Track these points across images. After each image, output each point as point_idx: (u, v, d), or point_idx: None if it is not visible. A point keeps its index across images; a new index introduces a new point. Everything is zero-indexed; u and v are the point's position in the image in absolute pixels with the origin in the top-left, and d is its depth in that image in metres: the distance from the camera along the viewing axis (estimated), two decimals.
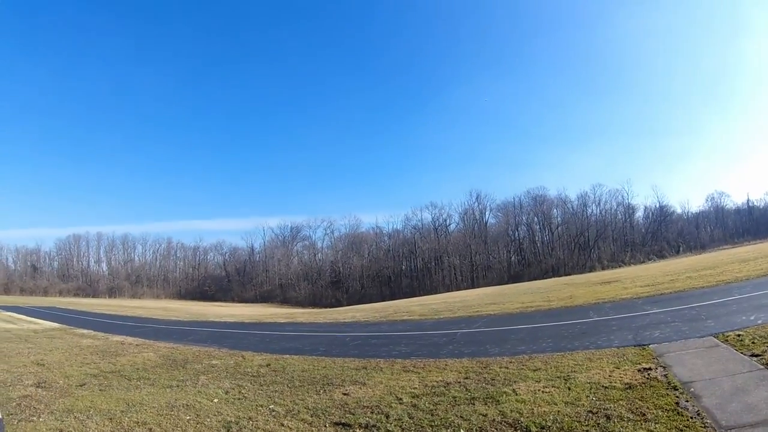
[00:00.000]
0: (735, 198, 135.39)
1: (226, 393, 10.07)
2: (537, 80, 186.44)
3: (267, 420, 7.87)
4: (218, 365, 13.71)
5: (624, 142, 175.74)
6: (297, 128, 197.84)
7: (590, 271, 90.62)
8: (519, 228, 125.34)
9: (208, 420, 8.04)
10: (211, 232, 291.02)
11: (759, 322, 11.14)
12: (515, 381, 8.79)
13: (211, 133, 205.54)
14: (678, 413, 6.20)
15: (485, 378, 9.30)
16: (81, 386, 11.38)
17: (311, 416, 7.90)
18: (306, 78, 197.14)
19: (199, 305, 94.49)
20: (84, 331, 26.79)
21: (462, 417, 7.05)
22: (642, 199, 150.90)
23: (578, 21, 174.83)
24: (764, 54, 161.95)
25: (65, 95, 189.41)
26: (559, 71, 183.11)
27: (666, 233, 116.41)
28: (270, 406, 8.71)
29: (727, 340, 9.78)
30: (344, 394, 9.15)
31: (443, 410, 7.49)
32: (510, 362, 10.54)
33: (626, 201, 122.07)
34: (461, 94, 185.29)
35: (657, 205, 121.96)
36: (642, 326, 13.19)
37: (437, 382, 9.37)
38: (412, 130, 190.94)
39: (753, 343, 9.19)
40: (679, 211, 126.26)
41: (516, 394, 7.87)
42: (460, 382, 9.15)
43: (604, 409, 6.64)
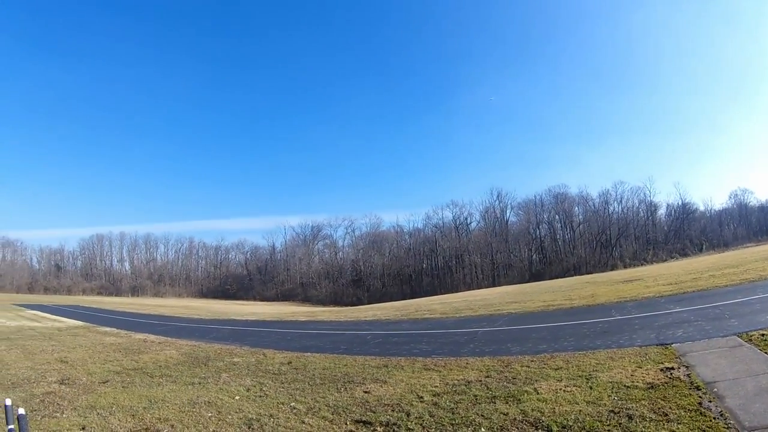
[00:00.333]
0: (759, 195, 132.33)
1: (248, 390, 10.18)
2: (557, 77, 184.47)
3: (288, 417, 7.94)
4: (240, 363, 13.86)
5: (646, 139, 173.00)
6: (317, 128, 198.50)
7: (612, 270, 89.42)
8: (540, 226, 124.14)
9: (230, 417, 8.13)
10: (233, 232, 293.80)
11: None
12: (536, 380, 8.79)
13: (232, 135, 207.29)
14: (701, 413, 6.16)
15: (506, 377, 9.30)
16: (104, 383, 11.58)
17: (332, 414, 7.96)
18: (328, 79, 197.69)
19: (221, 304, 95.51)
20: (107, 329, 27.25)
21: (483, 416, 7.07)
22: (664, 197, 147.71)
23: (598, 16, 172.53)
24: None
25: (90, 99, 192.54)
26: (580, 68, 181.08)
27: (689, 231, 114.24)
28: (291, 404, 8.78)
29: (751, 340, 9.66)
30: (365, 392, 9.20)
31: (464, 409, 7.52)
32: (531, 361, 10.53)
33: (648, 198, 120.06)
34: (482, 92, 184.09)
35: (679, 203, 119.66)
36: (665, 325, 13.05)
37: (458, 381, 9.40)
38: (433, 129, 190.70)
39: None
40: (702, 209, 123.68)
41: (537, 393, 7.86)
42: (481, 381, 9.17)
43: (626, 409, 6.62)
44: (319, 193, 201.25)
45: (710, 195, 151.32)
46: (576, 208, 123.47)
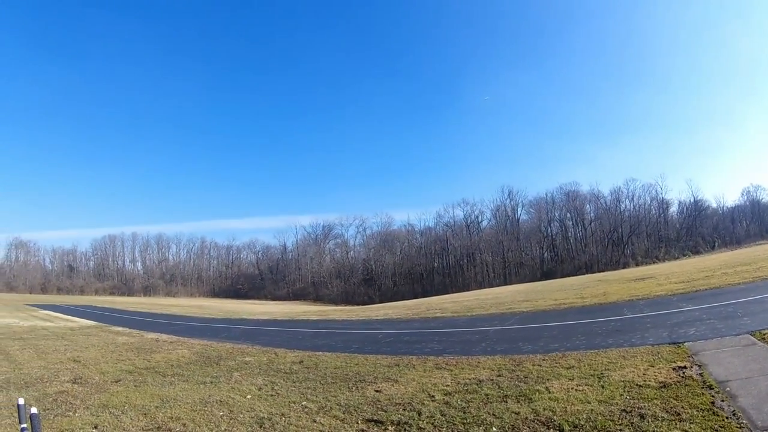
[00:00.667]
0: None
1: (259, 389, 10.24)
2: (569, 74, 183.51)
3: (299, 416, 7.97)
4: (251, 362, 13.94)
5: (658, 136, 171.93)
6: (328, 128, 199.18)
7: (624, 268, 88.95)
8: (551, 224, 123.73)
9: (241, 416, 8.18)
10: (244, 231, 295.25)
11: None
12: (548, 379, 8.78)
13: (244, 135, 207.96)
14: (713, 413, 6.13)
15: (518, 376, 9.30)
16: (116, 382, 11.68)
17: (343, 413, 7.98)
18: (339, 80, 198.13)
19: (233, 303, 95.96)
20: (119, 329, 27.49)
21: (494, 415, 7.08)
22: (676, 194, 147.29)
23: (610, 12, 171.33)
24: None
25: (101, 100, 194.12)
26: (592, 64, 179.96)
27: (701, 228, 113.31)
28: (302, 403, 8.82)
29: (764, 338, 9.60)
30: (376, 391, 9.23)
31: (475, 408, 7.52)
32: (543, 360, 10.52)
33: (660, 196, 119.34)
34: (492, 90, 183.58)
35: (691, 200, 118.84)
36: (677, 324, 12.98)
37: (469, 380, 9.41)
38: (444, 128, 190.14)
39: None
40: (714, 206, 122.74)
41: (549, 392, 7.86)
42: (493, 380, 9.17)
43: (638, 408, 6.60)
44: (330, 193, 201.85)
45: (722, 192, 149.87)
46: (587, 206, 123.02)
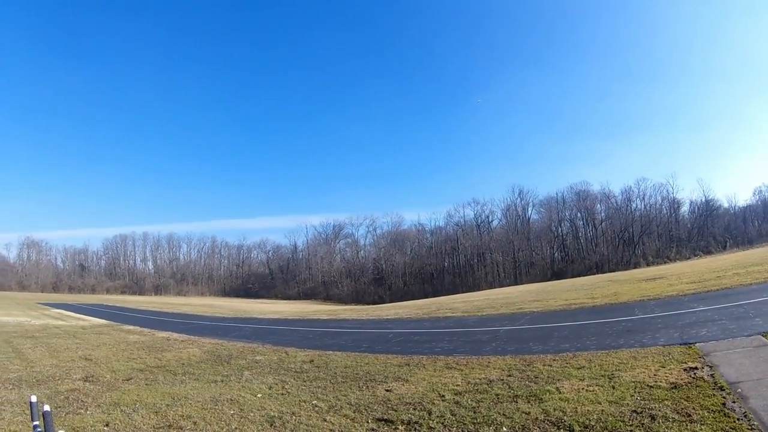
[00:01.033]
0: None
1: (270, 388, 10.29)
2: (580, 73, 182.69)
3: (310, 415, 8.00)
4: (262, 361, 14.01)
5: (668, 135, 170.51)
6: (338, 128, 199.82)
7: (635, 268, 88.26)
8: (562, 224, 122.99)
9: (252, 414, 8.22)
10: (255, 231, 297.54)
11: None
12: (559, 379, 8.78)
13: (253, 135, 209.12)
14: (724, 414, 6.11)
15: (528, 376, 9.31)
16: (127, 380, 11.76)
17: (354, 412, 8.01)
18: (349, 80, 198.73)
19: (243, 302, 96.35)
20: (130, 328, 27.74)
21: (505, 415, 7.09)
22: (687, 193, 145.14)
23: (622, 10, 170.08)
24: None
25: (112, 103, 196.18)
26: (603, 64, 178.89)
27: (712, 228, 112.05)
28: (313, 402, 8.86)
29: None
30: (387, 391, 9.26)
31: (486, 408, 7.53)
32: (553, 360, 10.52)
33: (671, 195, 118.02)
34: (503, 90, 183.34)
35: (703, 200, 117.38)
36: (688, 324, 12.93)
37: (480, 380, 9.42)
38: (454, 127, 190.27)
39: None
40: (726, 206, 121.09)
41: (559, 393, 7.86)
42: (503, 380, 9.18)
43: (649, 409, 6.60)
44: (341, 192, 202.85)
45: (734, 191, 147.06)
46: (598, 206, 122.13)
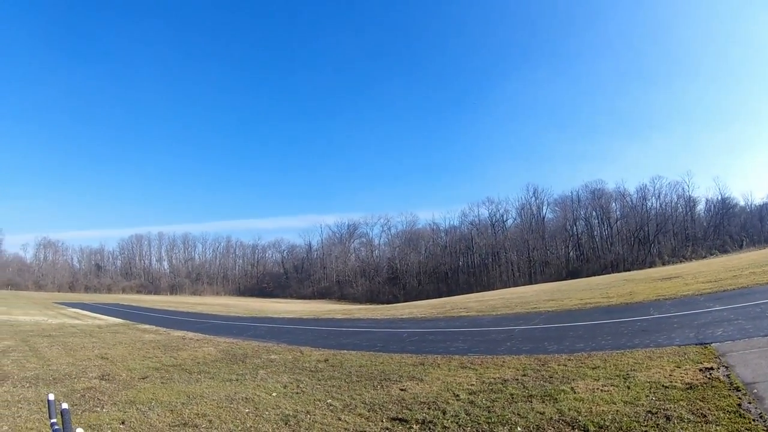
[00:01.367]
0: None
1: (285, 387, 10.35)
2: (594, 72, 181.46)
3: (324, 414, 8.03)
4: (277, 360, 14.09)
5: (684, 133, 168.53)
6: (352, 129, 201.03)
7: (650, 267, 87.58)
8: (577, 223, 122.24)
9: (267, 413, 8.27)
10: (269, 231, 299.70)
11: None
12: (573, 379, 8.76)
13: (269, 137, 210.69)
14: (740, 415, 6.08)
15: (543, 375, 9.30)
16: (143, 379, 11.87)
17: (368, 411, 8.04)
18: (364, 81, 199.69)
19: (258, 302, 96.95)
20: (146, 327, 27.99)
21: (519, 414, 7.09)
22: (703, 192, 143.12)
23: (636, 6, 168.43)
24: None
25: (129, 104, 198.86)
26: (617, 61, 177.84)
27: (728, 227, 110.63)
28: (327, 401, 8.90)
29: None
30: (401, 390, 9.29)
31: (500, 407, 7.54)
32: (568, 360, 10.50)
33: (687, 194, 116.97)
34: (517, 89, 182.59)
35: (719, 198, 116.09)
36: (704, 324, 12.83)
37: (494, 379, 9.43)
38: (468, 127, 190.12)
39: None
40: (742, 204, 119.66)
41: (574, 393, 7.85)
42: (518, 380, 9.18)
43: (664, 410, 6.58)
44: (355, 192, 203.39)
45: (750, 189, 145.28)
46: (613, 204, 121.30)
